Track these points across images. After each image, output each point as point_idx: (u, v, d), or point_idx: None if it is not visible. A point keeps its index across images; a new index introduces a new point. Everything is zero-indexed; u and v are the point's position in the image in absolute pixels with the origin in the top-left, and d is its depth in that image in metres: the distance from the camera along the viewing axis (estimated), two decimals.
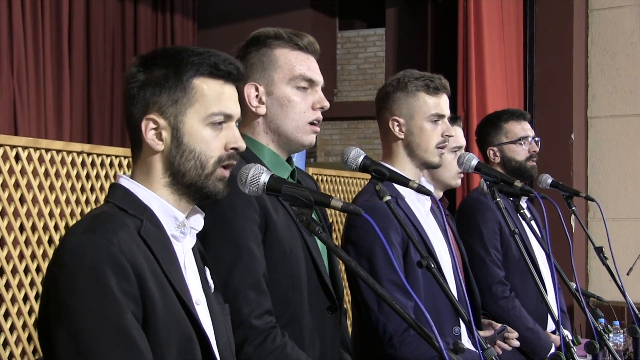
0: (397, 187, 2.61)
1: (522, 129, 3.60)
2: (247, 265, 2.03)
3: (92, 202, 4.11)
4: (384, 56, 9.66)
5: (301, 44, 2.22)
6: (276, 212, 2.12)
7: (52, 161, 3.89)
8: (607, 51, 6.22)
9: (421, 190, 2.25)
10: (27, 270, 3.78)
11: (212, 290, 1.83)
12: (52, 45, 6.16)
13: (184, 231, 1.75)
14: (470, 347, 2.56)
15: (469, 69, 5.55)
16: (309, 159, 8.98)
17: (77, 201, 4.06)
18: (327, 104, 2.24)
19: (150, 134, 1.71)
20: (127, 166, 4.19)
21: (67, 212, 3.99)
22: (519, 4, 6.03)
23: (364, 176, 5.79)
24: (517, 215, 2.71)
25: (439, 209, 2.79)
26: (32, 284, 3.79)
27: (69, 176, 3.99)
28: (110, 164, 4.18)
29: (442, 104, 2.73)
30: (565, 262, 2.71)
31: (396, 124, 2.72)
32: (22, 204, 3.76)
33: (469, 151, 2.79)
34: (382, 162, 2.70)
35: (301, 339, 2.12)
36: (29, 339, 3.81)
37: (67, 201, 4.00)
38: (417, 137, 2.70)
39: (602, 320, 2.92)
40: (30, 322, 3.77)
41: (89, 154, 4.07)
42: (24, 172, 3.75)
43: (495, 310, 3.30)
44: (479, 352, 1.89)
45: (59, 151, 3.92)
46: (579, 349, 2.50)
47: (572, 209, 2.96)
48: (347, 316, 2.60)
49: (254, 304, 2.01)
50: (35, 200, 3.83)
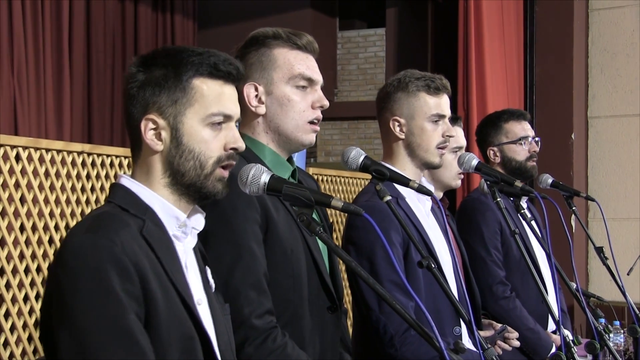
0: (397, 187, 2.60)
1: (522, 129, 3.59)
2: (248, 265, 2.03)
3: (93, 202, 4.11)
4: (384, 56, 9.65)
5: (300, 44, 2.22)
6: (277, 212, 2.12)
7: (53, 161, 3.89)
8: (607, 51, 6.22)
9: (422, 190, 2.25)
10: (27, 270, 3.78)
11: (213, 290, 1.82)
12: (52, 45, 6.16)
13: (186, 231, 1.75)
14: (470, 347, 2.56)
15: (469, 69, 5.55)
16: (309, 159, 8.97)
17: (78, 201, 4.06)
18: (326, 103, 2.24)
19: (149, 134, 1.71)
20: (127, 166, 4.19)
21: (68, 212, 3.99)
22: (519, 4, 6.02)
23: (364, 176, 5.79)
24: (518, 215, 2.71)
25: (439, 209, 2.79)
26: (33, 284, 3.80)
27: (69, 176, 3.99)
28: (110, 164, 4.19)
29: (442, 104, 2.72)
30: (565, 262, 2.71)
31: (397, 124, 2.72)
32: (22, 204, 3.76)
33: (469, 151, 2.79)
34: (383, 162, 2.70)
35: (301, 338, 2.12)
36: (30, 339, 3.81)
37: (68, 201, 4.00)
38: (417, 137, 2.70)
39: (603, 320, 2.92)
40: (30, 322, 3.77)
41: (89, 154, 4.07)
42: (24, 172, 3.75)
43: (496, 310, 3.30)
44: (479, 352, 1.90)
45: (59, 151, 3.92)
46: (579, 349, 2.50)
47: (573, 209, 2.96)
48: (347, 316, 2.59)
49: (254, 303, 2.01)
50: (35, 200, 3.83)
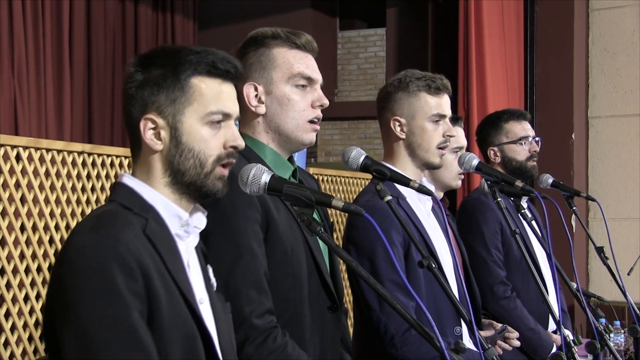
0: (398, 187, 2.60)
1: (522, 128, 3.59)
2: (249, 264, 2.03)
3: (93, 202, 4.11)
4: (385, 56, 9.66)
5: (299, 43, 2.22)
6: (278, 212, 2.12)
7: (53, 161, 3.89)
8: (608, 51, 6.22)
9: (422, 190, 2.24)
10: (28, 270, 3.79)
11: (215, 288, 1.82)
12: (52, 45, 6.16)
13: (188, 230, 1.74)
14: (471, 347, 2.56)
15: (470, 69, 5.55)
16: (309, 159, 8.97)
17: (78, 201, 4.07)
18: (326, 102, 2.23)
19: (149, 134, 1.70)
20: (127, 166, 4.20)
21: (68, 212, 3.99)
22: (519, 4, 6.02)
23: (364, 176, 5.79)
24: (518, 215, 2.71)
25: (440, 209, 2.79)
26: (33, 284, 3.80)
27: (69, 176, 3.99)
28: (110, 164, 4.19)
29: (443, 104, 2.72)
30: (566, 262, 2.71)
31: (397, 124, 2.72)
32: (23, 204, 3.76)
33: (469, 151, 2.79)
34: (383, 162, 2.70)
35: (302, 338, 2.12)
36: (30, 339, 3.81)
37: (68, 201, 4.00)
38: (418, 137, 2.70)
39: (603, 320, 2.92)
40: (31, 322, 3.77)
41: (89, 154, 4.07)
42: (24, 172, 3.76)
43: (496, 310, 3.30)
44: (480, 352, 1.90)
45: (59, 151, 3.92)
46: (580, 349, 2.50)
47: (573, 208, 2.96)
48: (347, 316, 2.59)
49: (255, 303, 2.01)
50: (36, 200, 3.83)
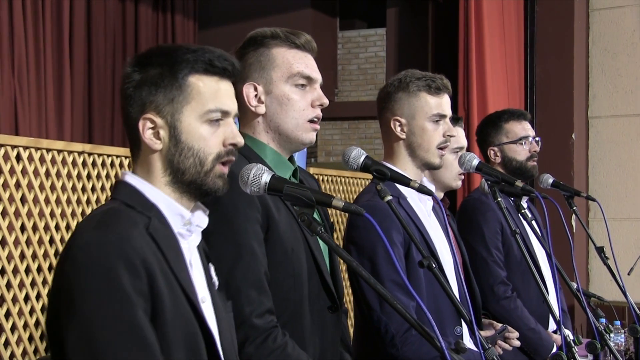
0: (399, 187, 2.60)
1: (522, 128, 3.59)
2: (249, 264, 2.03)
3: (93, 202, 4.11)
4: (385, 56, 9.66)
5: (298, 43, 2.22)
6: (278, 211, 2.12)
7: (53, 161, 3.89)
8: (608, 51, 6.22)
9: (422, 190, 2.24)
10: (28, 270, 3.79)
11: (217, 287, 1.82)
12: (53, 45, 6.16)
13: (190, 229, 1.74)
14: (471, 346, 2.56)
15: (470, 69, 5.55)
16: (309, 159, 8.98)
17: (78, 201, 4.07)
18: (326, 101, 2.23)
19: (148, 134, 1.70)
20: (127, 166, 4.20)
21: (68, 212, 4.00)
22: (519, 4, 6.02)
23: (364, 176, 5.79)
24: (518, 215, 2.71)
25: (440, 209, 2.79)
26: (34, 283, 3.80)
27: (69, 176, 3.99)
28: (111, 164, 4.19)
29: (443, 104, 2.72)
30: (566, 262, 2.71)
31: (398, 124, 2.72)
32: (23, 204, 3.76)
33: (469, 151, 2.79)
34: (384, 162, 2.70)
35: (302, 338, 2.11)
36: (30, 339, 3.81)
37: (68, 201, 4.00)
38: (418, 137, 2.70)
39: (603, 320, 2.92)
40: (31, 322, 3.77)
41: (89, 154, 4.07)
42: (25, 172, 3.76)
43: (497, 310, 3.30)
44: (480, 352, 1.90)
45: (59, 151, 3.92)
46: (580, 349, 2.50)
47: (573, 208, 2.96)
48: (347, 316, 2.59)
49: (255, 303, 2.01)
50: (36, 200, 3.84)
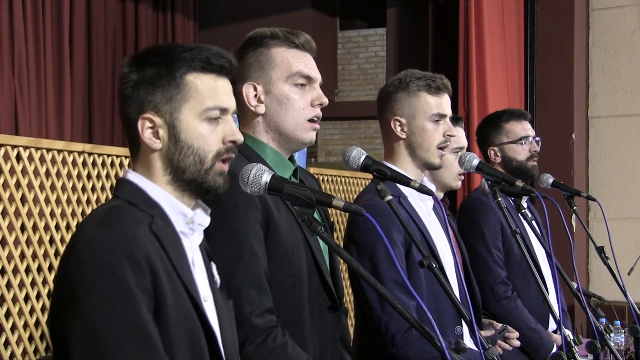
0: (399, 186, 2.60)
1: (522, 128, 3.59)
2: (249, 263, 2.03)
3: (93, 202, 4.11)
4: (385, 56, 9.66)
5: (297, 42, 2.22)
6: (278, 211, 2.12)
7: (53, 161, 3.89)
8: (608, 51, 6.22)
9: (423, 189, 2.24)
10: (28, 270, 3.79)
11: (218, 286, 1.82)
12: (53, 45, 6.15)
13: (193, 228, 1.74)
14: (472, 346, 2.56)
15: (470, 69, 5.55)
16: (310, 159, 8.98)
17: (78, 201, 4.07)
18: (325, 101, 2.23)
19: (147, 133, 1.71)
20: (127, 166, 4.19)
21: (68, 212, 4.00)
22: (519, 4, 6.02)
23: (365, 176, 5.79)
24: (518, 215, 2.70)
25: (440, 209, 2.79)
26: (34, 283, 3.80)
27: (70, 176, 3.99)
28: (111, 164, 4.19)
29: (443, 103, 2.72)
30: (566, 262, 2.71)
31: (398, 124, 2.72)
32: (23, 204, 3.76)
33: (470, 151, 2.79)
34: (384, 162, 2.70)
35: (301, 338, 2.12)
36: (30, 339, 3.81)
37: (68, 201, 4.00)
38: (418, 137, 2.70)
39: (603, 319, 2.92)
40: (31, 321, 3.77)
41: (89, 154, 4.07)
42: (25, 172, 3.76)
43: (497, 310, 3.30)
44: (480, 351, 1.90)
45: (60, 151, 3.92)
46: (580, 349, 2.50)
47: (573, 208, 2.96)
48: (347, 315, 2.60)
49: (255, 302, 2.01)
50: (36, 200, 3.84)
